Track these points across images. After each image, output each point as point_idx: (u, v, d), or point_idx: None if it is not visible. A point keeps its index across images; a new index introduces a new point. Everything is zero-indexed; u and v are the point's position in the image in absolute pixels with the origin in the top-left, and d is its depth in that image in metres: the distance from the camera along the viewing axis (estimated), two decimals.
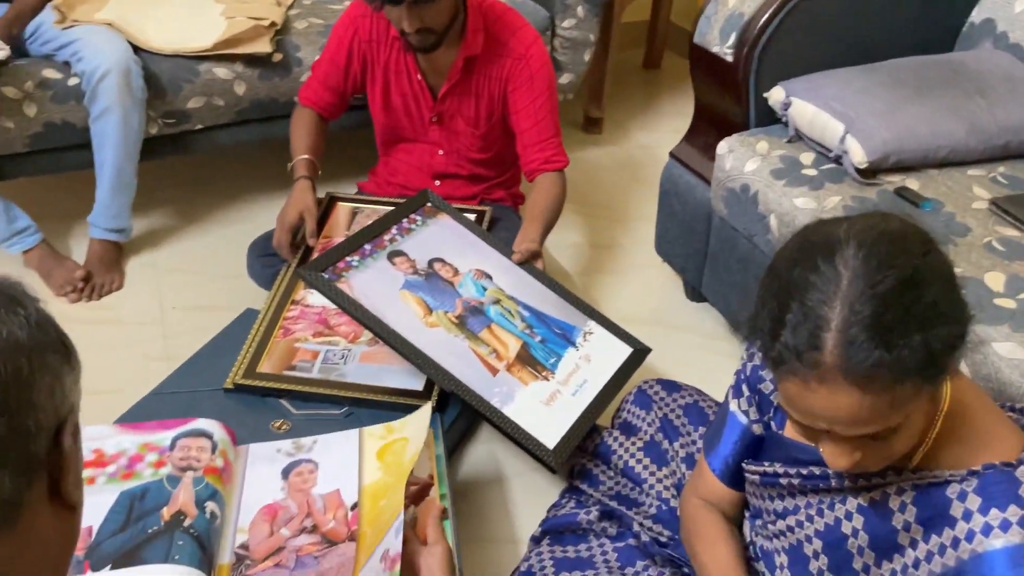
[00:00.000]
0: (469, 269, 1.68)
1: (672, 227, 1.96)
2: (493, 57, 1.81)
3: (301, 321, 1.69)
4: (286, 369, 1.60)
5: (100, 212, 2.08)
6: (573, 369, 1.56)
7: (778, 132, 1.72)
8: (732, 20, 1.69)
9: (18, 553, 0.57)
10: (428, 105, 1.87)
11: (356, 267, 1.60)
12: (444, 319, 1.57)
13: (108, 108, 1.93)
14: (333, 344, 1.64)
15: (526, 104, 1.83)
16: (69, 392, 0.61)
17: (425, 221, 1.75)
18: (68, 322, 1.89)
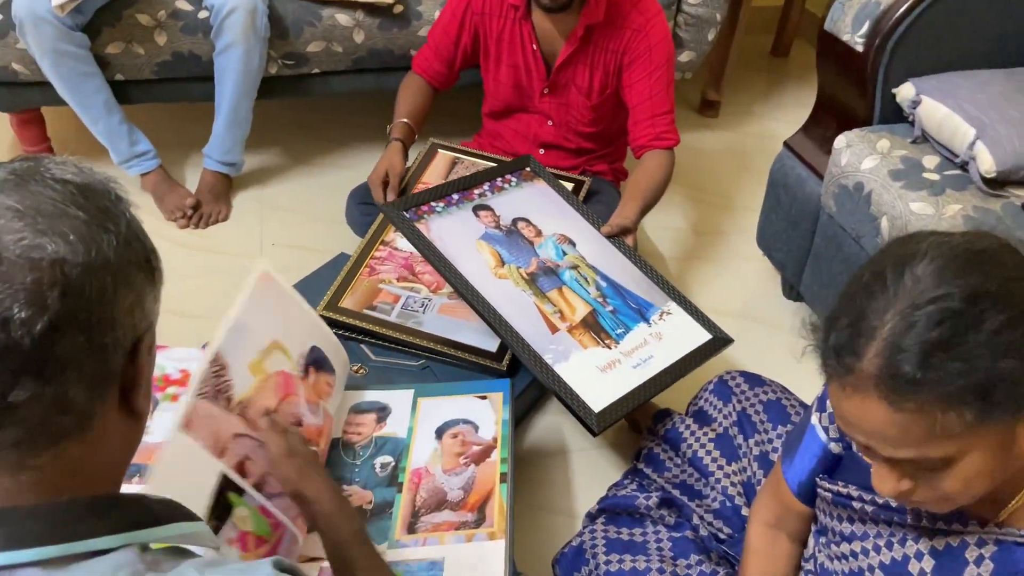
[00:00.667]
0: (553, 233, 1.66)
1: (776, 220, 1.89)
2: (612, 27, 1.77)
3: (388, 263, 1.71)
4: (367, 308, 1.62)
5: (215, 144, 2.16)
6: (640, 343, 1.50)
7: (903, 131, 1.62)
8: (867, 8, 1.60)
9: (88, 454, 0.60)
10: (541, 76, 1.85)
11: (439, 212, 1.61)
12: (515, 273, 1.56)
13: (232, 43, 1.98)
14: (415, 291, 1.65)
15: (641, 77, 1.78)
16: (149, 310, 0.63)
17: (519, 183, 1.74)
18: (173, 246, 1.97)
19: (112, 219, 0.61)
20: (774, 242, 1.92)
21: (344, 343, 1.64)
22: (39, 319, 0.54)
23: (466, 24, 1.85)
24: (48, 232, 0.56)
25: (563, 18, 1.76)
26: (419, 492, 1.23)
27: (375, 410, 1.39)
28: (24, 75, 2.01)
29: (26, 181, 0.59)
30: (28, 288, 0.54)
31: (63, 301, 0.55)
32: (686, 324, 1.56)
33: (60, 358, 0.56)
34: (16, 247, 0.55)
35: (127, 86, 2.10)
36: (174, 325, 1.84)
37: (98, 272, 0.57)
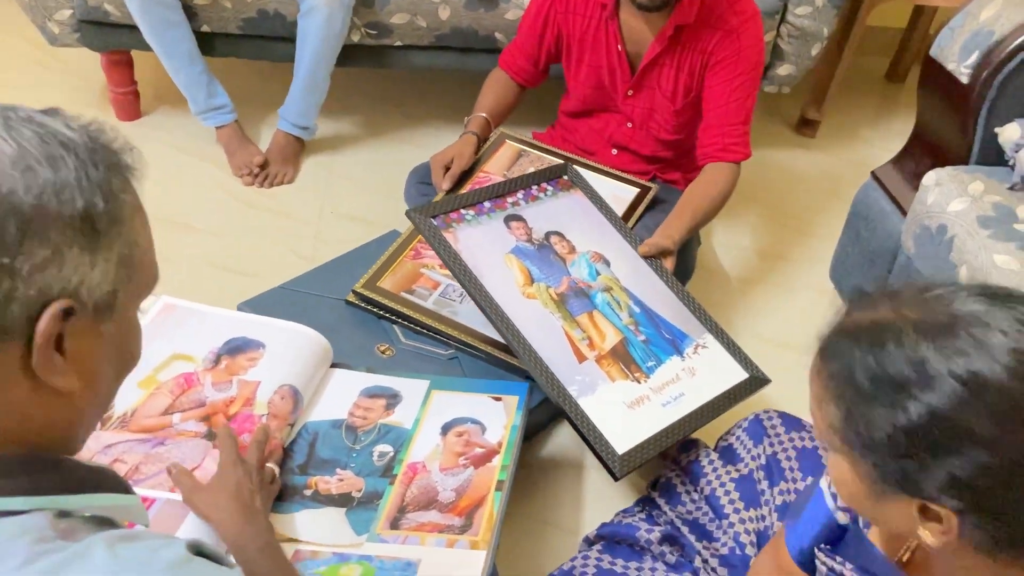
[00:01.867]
0: (587, 250, 1.55)
1: (853, 253, 1.76)
2: (704, 28, 1.68)
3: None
4: (404, 291, 1.58)
5: (290, 106, 2.15)
6: (672, 379, 1.40)
7: (1001, 175, 1.48)
8: (979, 36, 1.46)
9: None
10: (625, 76, 1.77)
11: (468, 221, 1.52)
12: (544, 293, 1.46)
13: (315, 7, 1.97)
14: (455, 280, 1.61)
15: (723, 80, 1.68)
16: (73, 271, 0.56)
17: (555, 193, 1.63)
18: (235, 201, 2.00)
19: (55, 164, 0.56)
20: (847, 277, 1.79)
21: (377, 323, 1.62)
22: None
23: (549, 22, 1.78)
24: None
25: (653, 17, 1.67)
26: (411, 487, 1.18)
27: (386, 396, 1.34)
28: (115, 16, 2.04)
29: (9, 121, 0.57)
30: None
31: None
32: (722, 360, 1.45)
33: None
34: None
35: (212, 38, 2.11)
36: (221, 279, 1.86)
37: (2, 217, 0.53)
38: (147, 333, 1.24)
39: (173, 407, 1.20)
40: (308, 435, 1.26)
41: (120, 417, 1.18)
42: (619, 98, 1.81)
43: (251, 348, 1.30)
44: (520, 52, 1.86)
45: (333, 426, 1.28)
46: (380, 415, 1.31)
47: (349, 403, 1.32)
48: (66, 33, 2.11)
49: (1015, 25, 1.42)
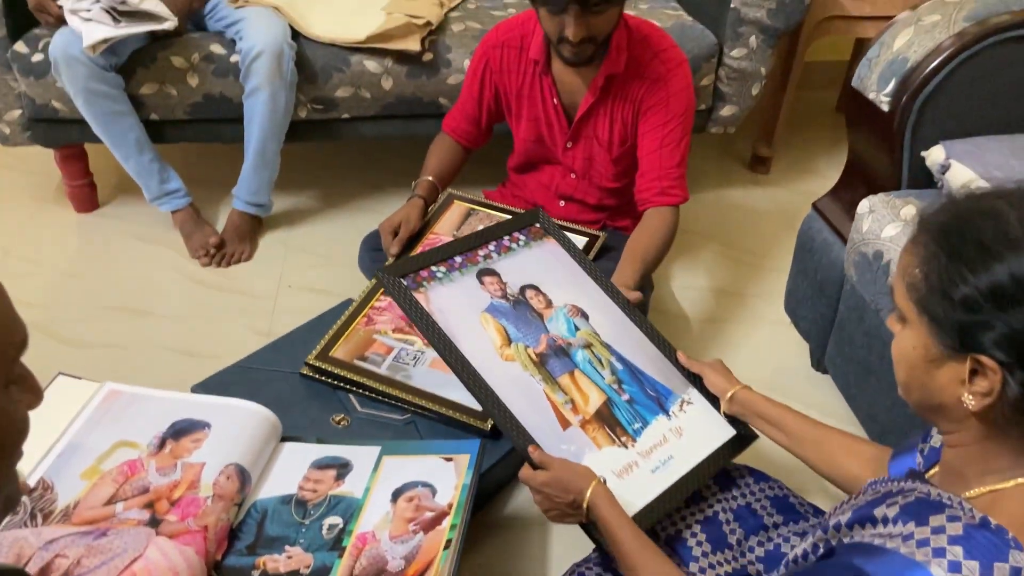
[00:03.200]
0: (564, 303, 1.46)
1: (803, 286, 1.77)
2: (632, 77, 1.71)
3: (386, 313, 1.67)
4: (358, 358, 1.58)
5: (243, 185, 2.18)
6: (659, 441, 1.31)
7: (932, 197, 1.49)
8: (894, 65, 1.50)
9: None
10: (563, 128, 1.81)
11: (440, 279, 1.43)
12: (523, 354, 1.36)
13: (258, 86, 2.01)
14: (408, 343, 1.61)
15: (654, 127, 1.71)
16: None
17: (528, 242, 1.58)
18: (192, 283, 2.01)
19: None
20: (800, 309, 1.80)
21: (332, 393, 1.62)
22: None
23: (486, 82, 1.82)
24: None
25: (583, 70, 1.71)
26: (360, 559, 1.17)
27: (336, 466, 1.33)
28: (63, 112, 2.08)
29: None
30: None
31: None
32: (708, 417, 1.37)
33: None
34: None
35: (161, 126, 2.15)
36: (178, 363, 1.86)
37: None
38: (91, 421, 1.27)
39: (116, 496, 1.20)
40: (257, 514, 1.25)
41: (63, 510, 1.17)
42: (559, 150, 1.84)
43: (196, 429, 1.30)
44: (461, 115, 1.89)
45: (282, 502, 1.27)
46: (330, 486, 1.30)
47: (299, 476, 1.31)
48: (17, 133, 2.14)
49: (927, 51, 1.46)
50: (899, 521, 0.81)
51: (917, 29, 1.49)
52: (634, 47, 1.71)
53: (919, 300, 0.82)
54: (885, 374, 1.49)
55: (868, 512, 0.86)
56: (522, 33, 1.77)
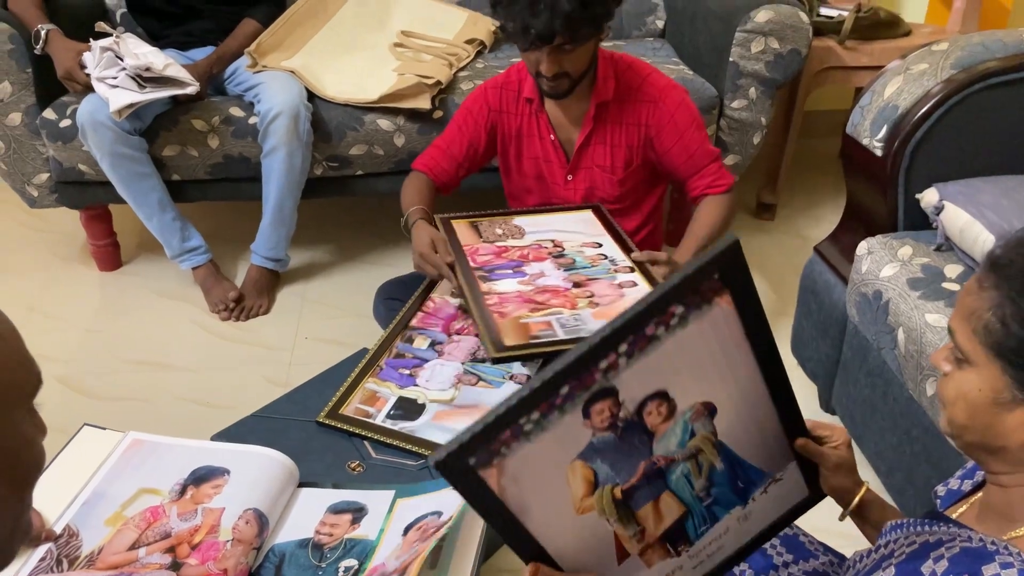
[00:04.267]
0: (691, 405, 0.93)
1: (808, 327, 1.81)
2: (626, 103, 1.79)
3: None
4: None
5: (261, 241, 2.25)
6: (718, 535, 1.02)
7: (928, 238, 1.54)
8: (885, 112, 1.55)
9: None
10: (562, 163, 1.87)
11: (529, 432, 0.82)
12: (605, 499, 0.93)
13: (276, 147, 2.09)
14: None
15: (674, 143, 1.79)
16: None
17: (684, 321, 0.87)
18: (212, 336, 2.08)
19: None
20: (806, 351, 1.83)
21: (348, 440, 1.66)
22: None
23: (482, 122, 1.87)
24: None
25: (574, 103, 1.77)
26: None
27: (351, 511, 1.37)
28: (89, 175, 2.16)
29: None
30: None
31: None
32: (789, 488, 1.07)
33: None
34: None
35: (182, 185, 2.23)
36: (198, 414, 1.90)
37: None
38: (114, 469, 1.32)
39: (139, 541, 1.23)
40: (275, 558, 1.28)
41: (88, 556, 1.20)
42: (560, 185, 1.89)
43: (215, 476, 1.33)
44: (441, 154, 1.89)
45: (300, 546, 1.30)
46: (346, 530, 1.33)
47: (316, 521, 1.34)
48: (45, 195, 2.23)
49: (916, 98, 1.51)
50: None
51: (906, 77, 1.55)
52: (622, 75, 1.78)
53: (993, 345, 0.81)
54: (889, 412, 1.51)
55: (915, 569, 0.84)
56: (519, 77, 1.84)
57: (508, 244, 1.66)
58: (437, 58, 2.33)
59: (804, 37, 2.22)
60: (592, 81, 1.75)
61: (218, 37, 2.29)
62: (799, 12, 2.20)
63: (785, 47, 2.22)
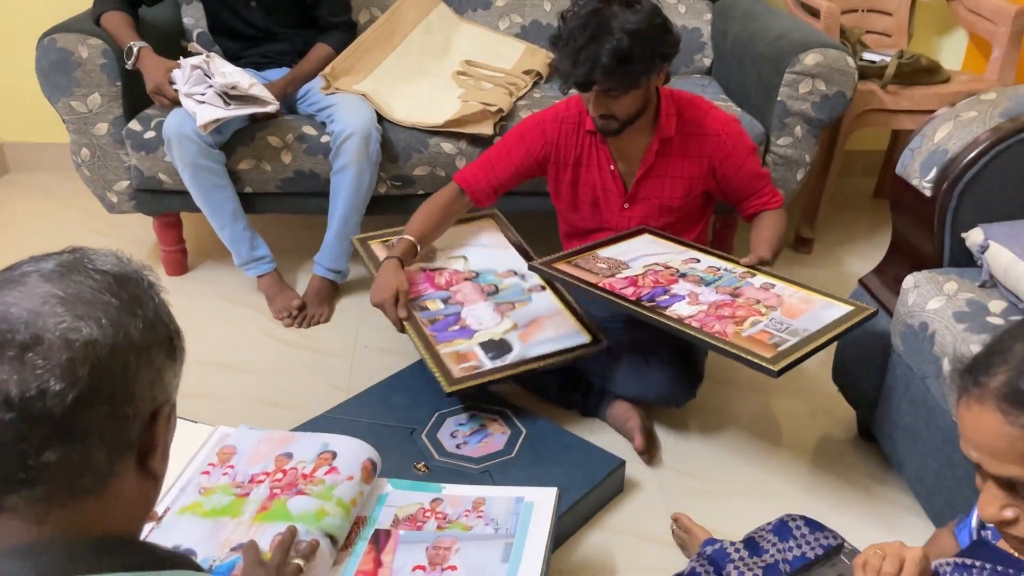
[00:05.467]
0: None
1: (851, 357, 1.89)
2: (689, 137, 1.90)
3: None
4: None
5: (325, 253, 2.36)
6: None
7: (972, 275, 1.63)
8: (935, 155, 1.65)
9: (104, 510, 0.68)
10: (620, 192, 1.97)
11: None
12: None
13: (346, 165, 2.21)
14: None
15: (735, 171, 1.93)
16: (168, 384, 0.71)
17: None
18: (276, 341, 2.22)
19: (141, 305, 0.70)
20: (847, 378, 1.92)
21: (412, 443, 1.76)
22: (70, 392, 0.62)
23: (537, 150, 1.96)
24: (84, 317, 0.65)
25: (636, 137, 1.88)
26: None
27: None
28: (168, 184, 2.29)
29: (70, 271, 0.68)
30: (63, 365, 0.63)
31: (91, 377, 0.63)
32: None
33: (85, 426, 0.64)
34: (56, 329, 0.63)
35: (254, 198, 2.35)
36: (265, 413, 2.00)
37: (123, 352, 0.66)
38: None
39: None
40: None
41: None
42: (615, 213, 2.00)
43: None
44: (485, 175, 1.99)
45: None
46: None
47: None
48: (123, 201, 2.36)
49: (965, 144, 1.61)
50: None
51: (956, 123, 1.65)
52: (684, 110, 1.90)
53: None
54: (931, 439, 1.59)
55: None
56: (579, 109, 1.94)
57: (630, 275, 1.80)
58: (498, 87, 2.45)
59: (850, 80, 2.32)
60: (655, 118, 1.86)
61: (292, 59, 2.42)
62: (846, 56, 2.31)
63: (831, 89, 2.32)
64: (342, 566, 1.34)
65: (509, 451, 1.75)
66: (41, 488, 0.64)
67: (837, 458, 1.93)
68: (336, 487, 1.39)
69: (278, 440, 1.50)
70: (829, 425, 2.04)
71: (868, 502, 1.80)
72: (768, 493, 1.80)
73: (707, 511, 1.70)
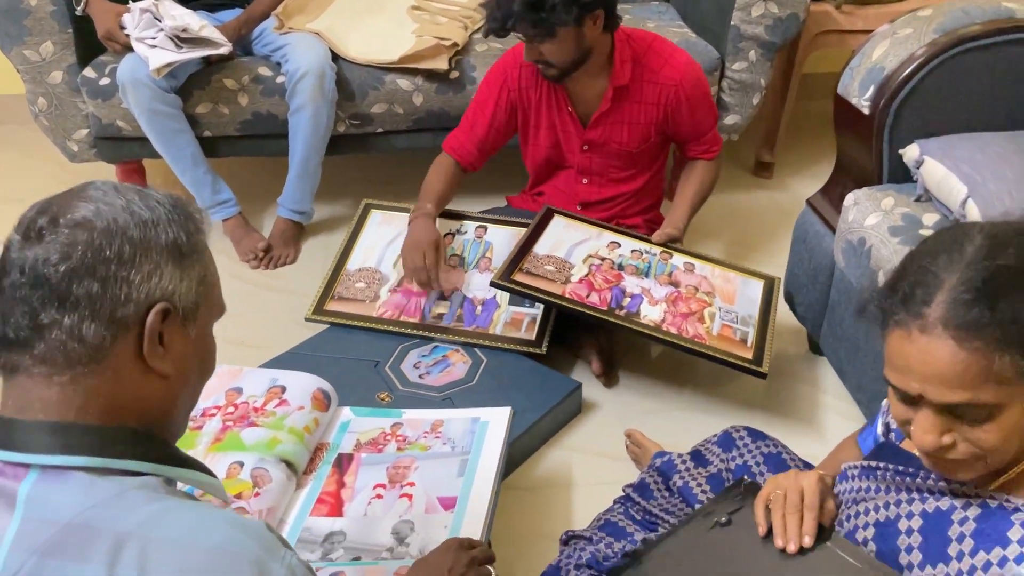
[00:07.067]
0: None
1: (800, 275, 1.95)
2: (645, 85, 1.92)
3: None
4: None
5: (287, 194, 2.39)
6: None
7: (909, 190, 1.68)
8: (872, 73, 1.68)
9: (103, 386, 0.76)
10: (579, 132, 2.00)
11: None
12: None
13: (302, 105, 2.22)
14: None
15: (687, 116, 1.97)
16: (167, 283, 0.78)
17: None
18: (244, 283, 2.27)
19: (151, 210, 0.79)
20: (797, 296, 1.98)
21: (376, 375, 1.82)
22: (63, 263, 0.73)
23: (502, 100, 2.01)
24: (96, 208, 0.77)
25: (593, 81, 1.91)
26: None
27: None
28: (127, 131, 2.30)
29: (118, 188, 0.81)
30: (63, 242, 0.74)
31: (83, 253, 0.74)
32: None
33: (77, 296, 0.74)
34: (73, 214, 0.76)
35: (213, 141, 2.36)
36: (235, 352, 2.05)
37: (121, 240, 0.76)
38: None
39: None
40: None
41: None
42: (575, 154, 2.03)
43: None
44: (467, 137, 2.06)
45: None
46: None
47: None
48: (84, 150, 2.37)
49: (900, 60, 1.64)
50: None
51: (893, 41, 1.68)
52: (641, 56, 1.91)
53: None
54: (870, 348, 1.66)
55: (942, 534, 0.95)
56: None
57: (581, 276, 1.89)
58: (453, 20, 2.44)
59: (802, 2, 2.33)
60: (609, 63, 1.88)
61: (245, 0, 2.41)
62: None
63: (784, 11, 2.34)
64: (307, 488, 1.41)
65: (470, 379, 1.81)
66: (41, 347, 0.74)
67: (788, 372, 2.00)
68: (287, 417, 1.45)
69: (227, 375, 1.55)
70: (780, 344, 2.11)
71: (814, 412, 1.88)
72: (718, 410, 1.88)
73: (660, 429, 1.78)
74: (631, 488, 1.52)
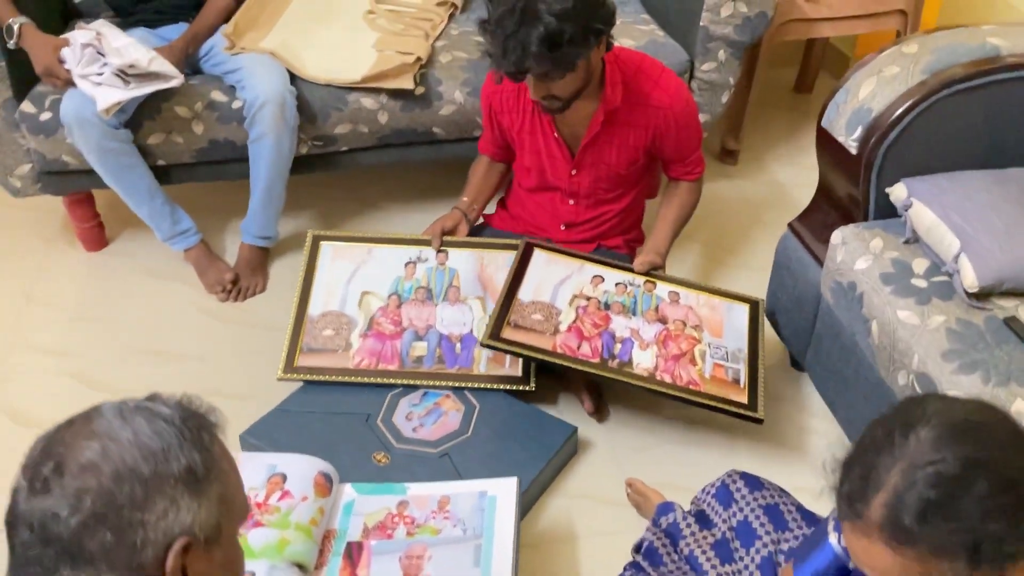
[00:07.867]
0: None
1: (783, 297, 1.97)
2: (635, 108, 1.88)
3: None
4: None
5: (251, 220, 2.29)
6: None
7: (896, 228, 1.69)
8: (860, 114, 1.67)
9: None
10: (566, 158, 1.96)
11: None
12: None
13: (264, 134, 2.11)
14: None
15: (674, 139, 1.94)
16: (186, 514, 0.75)
17: None
18: (214, 320, 2.18)
19: (160, 437, 0.75)
20: (780, 317, 2.00)
21: (371, 433, 1.79)
22: (73, 517, 0.70)
23: (494, 120, 2.01)
24: (100, 451, 0.73)
25: (580, 104, 1.84)
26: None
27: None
28: (73, 164, 2.16)
29: (123, 413, 0.76)
30: (72, 492, 0.71)
31: (94, 504, 0.71)
32: None
33: (92, 549, 0.71)
34: (82, 460, 0.72)
35: (168, 169, 2.24)
36: (218, 407, 1.99)
37: (131, 482, 0.72)
38: None
39: None
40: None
41: None
42: (563, 179, 1.99)
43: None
44: (490, 134, 2.08)
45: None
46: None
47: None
48: (28, 185, 2.22)
49: (888, 102, 1.63)
50: None
51: (879, 80, 1.66)
52: (631, 80, 1.86)
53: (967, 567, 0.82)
54: (860, 387, 1.69)
55: None
56: None
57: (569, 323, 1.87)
58: (411, 27, 2.33)
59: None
60: (600, 87, 1.82)
61: (189, 13, 2.25)
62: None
63: (753, 10, 2.29)
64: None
65: (465, 430, 1.80)
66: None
67: (772, 393, 2.03)
68: (292, 512, 1.42)
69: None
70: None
71: (800, 438, 1.92)
72: (711, 441, 1.90)
73: (656, 466, 1.81)
74: (639, 554, 1.55)
